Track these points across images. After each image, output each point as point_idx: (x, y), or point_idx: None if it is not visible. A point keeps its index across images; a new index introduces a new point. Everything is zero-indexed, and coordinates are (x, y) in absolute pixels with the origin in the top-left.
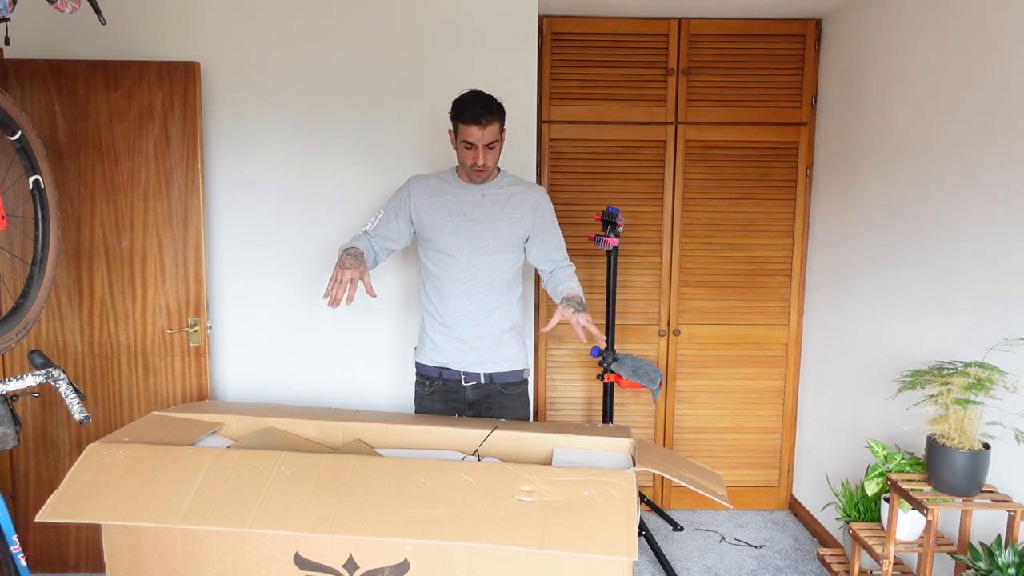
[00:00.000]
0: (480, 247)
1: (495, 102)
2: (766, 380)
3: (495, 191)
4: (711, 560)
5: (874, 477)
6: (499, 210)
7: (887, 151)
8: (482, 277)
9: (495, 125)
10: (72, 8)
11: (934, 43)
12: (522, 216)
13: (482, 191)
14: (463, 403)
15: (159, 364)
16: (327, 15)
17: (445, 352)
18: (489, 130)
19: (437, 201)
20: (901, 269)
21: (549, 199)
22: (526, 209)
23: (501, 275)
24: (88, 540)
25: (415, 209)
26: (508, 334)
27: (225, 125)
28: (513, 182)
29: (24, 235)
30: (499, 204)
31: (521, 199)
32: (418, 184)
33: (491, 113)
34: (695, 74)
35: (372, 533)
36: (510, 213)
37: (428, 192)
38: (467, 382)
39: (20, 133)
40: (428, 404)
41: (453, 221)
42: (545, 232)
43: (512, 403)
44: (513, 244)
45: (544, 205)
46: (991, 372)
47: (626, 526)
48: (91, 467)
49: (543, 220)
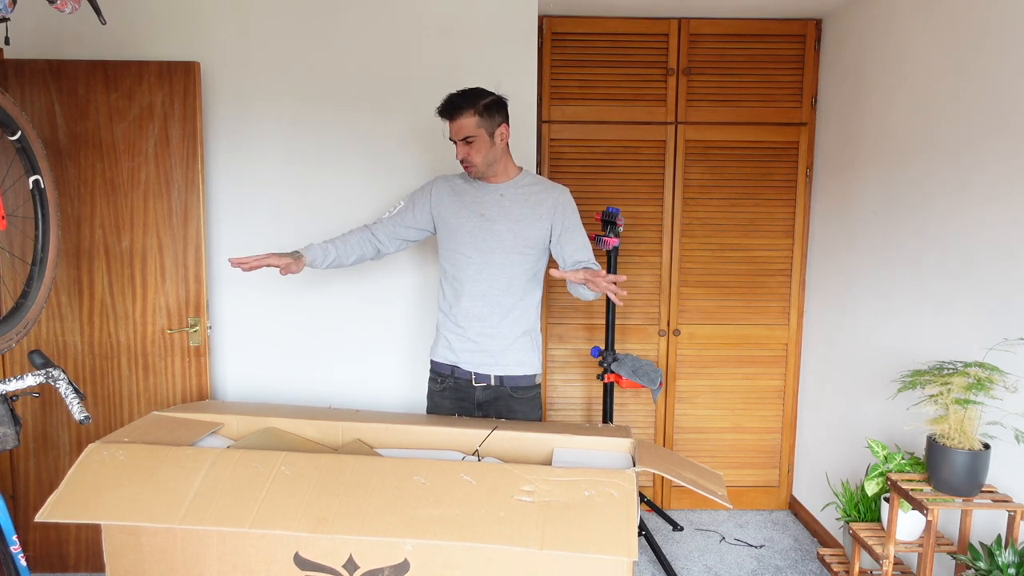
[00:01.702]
0: (496, 247)
1: (471, 96)
2: (766, 380)
3: (514, 191)
4: (711, 560)
5: (874, 477)
6: (517, 210)
7: (887, 151)
8: (498, 278)
9: (468, 119)
10: (72, 8)
11: (934, 43)
12: (540, 216)
13: (500, 191)
14: (472, 403)
15: (159, 364)
16: (327, 15)
17: (458, 351)
18: (460, 124)
19: (457, 200)
20: (901, 268)
21: (571, 198)
22: (545, 208)
23: (518, 277)
24: (88, 540)
25: (435, 207)
26: (522, 338)
27: (225, 125)
28: (533, 182)
29: (24, 235)
30: (517, 204)
31: (540, 199)
32: (441, 182)
33: (460, 107)
34: (695, 74)
35: (372, 533)
36: (528, 213)
37: (449, 191)
38: (477, 383)
39: (20, 133)
40: (439, 401)
41: (471, 221)
42: (569, 232)
43: (522, 407)
44: (531, 245)
45: (565, 203)
46: (991, 372)
47: (626, 526)
48: (91, 467)
49: (565, 220)
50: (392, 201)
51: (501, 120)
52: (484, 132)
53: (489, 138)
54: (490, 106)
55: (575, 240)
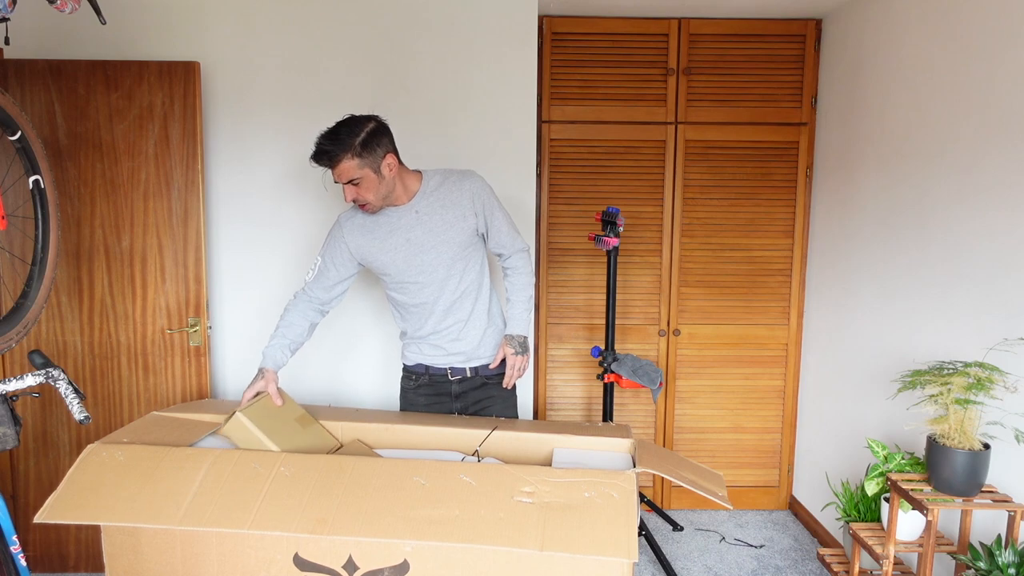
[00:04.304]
0: (436, 263)
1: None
2: (766, 380)
3: (426, 202)
4: (711, 560)
5: (874, 477)
6: (438, 219)
7: (887, 151)
8: (449, 291)
9: (347, 164)
10: (72, 8)
11: (934, 43)
12: (463, 215)
13: (414, 208)
14: (449, 396)
15: (159, 364)
16: (327, 15)
17: (429, 356)
18: (340, 170)
19: (372, 234)
20: (901, 269)
21: (483, 181)
22: (464, 204)
23: (467, 280)
24: (88, 540)
25: (355, 251)
26: (489, 329)
27: (225, 125)
28: (439, 182)
29: (24, 235)
30: (436, 213)
31: (454, 197)
32: (348, 222)
33: (333, 154)
34: (695, 74)
35: (372, 534)
36: (450, 217)
37: (360, 228)
38: (453, 376)
39: (20, 133)
40: (413, 398)
41: (399, 250)
42: (490, 219)
43: (500, 391)
44: (466, 244)
45: (478, 191)
46: (991, 372)
47: (626, 527)
48: (90, 468)
49: (484, 207)
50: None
51: (384, 151)
52: (369, 171)
53: (376, 174)
54: (367, 142)
55: (497, 224)
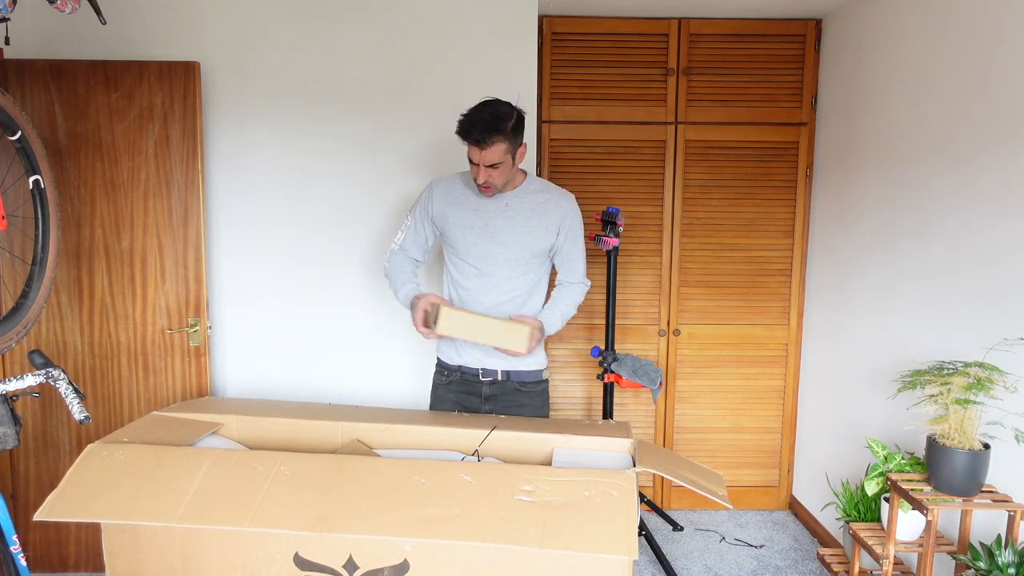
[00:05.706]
0: (501, 260)
1: (501, 121)
2: (766, 380)
3: (519, 200)
4: (711, 560)
5: (874, 477)
6: (523, 221)
7: (887, 151)
8: (505, 290)
9: (498, 146)
10: (72, 8)
11: (934, 43)
12: (547, 227)
13: (505, 200)
14: (479, 397)
15: (159, 364)
16: (327, 15)
17: (463, 353)
18: (490, 151)
19: (459, 207)
20: (901, 269)
21: (578, 207)
22: (552, 219)
23: (524, 287)
24: (88, 540)
25: (437, 216)
26: None
27: (225, 125)
28: (539, 189)
29: (24, 235)
30: (523, 215)
31: (547, 208)
32: (440, 187)
33: (492, 135)
34: (695, 74)
35: (372, 533)
36: (535, 225)
37: (450, 197)
38: (484, 377)
39: (20, 133)
40: (443, 394)
41: (474, 231)
42: (569, 246)
43: (531, 400)
44: (536, 255)
45: (571, 214)
46: (991, 372)
47: (626, 525)
48: (90, 467)
49: (570, 232)
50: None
51: (522, 140)
52: (510, 157)
53: (512, 161)
54: (516, 127)
55: (572, 254)
